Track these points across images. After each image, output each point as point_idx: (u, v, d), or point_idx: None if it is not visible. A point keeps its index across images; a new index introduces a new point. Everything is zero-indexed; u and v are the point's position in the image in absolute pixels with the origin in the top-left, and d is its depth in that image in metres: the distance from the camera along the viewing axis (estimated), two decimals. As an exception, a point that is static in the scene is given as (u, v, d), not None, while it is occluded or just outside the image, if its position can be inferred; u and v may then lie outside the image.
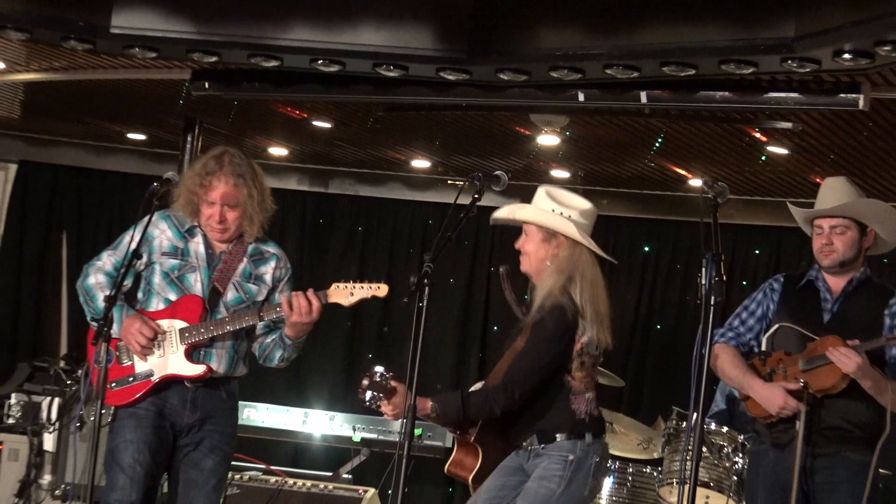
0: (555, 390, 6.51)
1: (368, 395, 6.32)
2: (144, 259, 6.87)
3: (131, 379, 6.85)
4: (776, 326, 6.72)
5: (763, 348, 6.72)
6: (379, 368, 6.40)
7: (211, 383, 6.92)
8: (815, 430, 6.52)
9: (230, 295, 6.97)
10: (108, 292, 6.73)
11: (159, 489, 7.13)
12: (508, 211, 6.72)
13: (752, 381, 6.68)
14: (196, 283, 6.94)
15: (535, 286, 6.65)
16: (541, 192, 6.70)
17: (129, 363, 6.85)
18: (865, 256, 6.73)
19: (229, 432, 7.04)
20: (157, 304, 6.94)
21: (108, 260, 7.01)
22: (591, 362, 6.60)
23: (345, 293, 6.86)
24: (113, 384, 6.81)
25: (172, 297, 6.92)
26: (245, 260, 7.04)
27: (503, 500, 6.62)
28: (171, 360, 6.84)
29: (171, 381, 6.87)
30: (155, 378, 6.85)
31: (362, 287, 6.87)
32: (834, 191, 6.73)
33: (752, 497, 6.99)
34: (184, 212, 6.92)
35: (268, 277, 7.08)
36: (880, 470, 7.99)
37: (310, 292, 6.81)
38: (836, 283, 6.72)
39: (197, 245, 6.98)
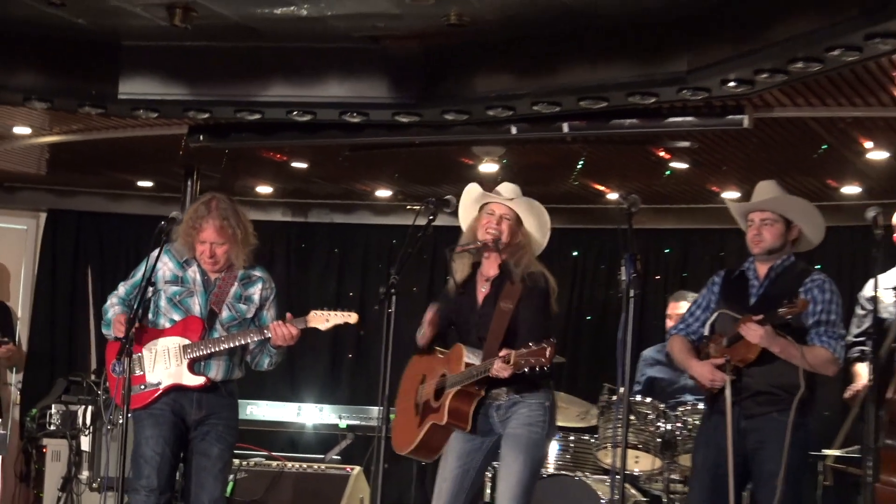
0: None
1: None
2: (151, 288, 6.93)
3: (143, 387, 6.91)
4: (716, 314, 6.71)
5: (707, 333, 6.71)
6: None
7: (212, 387, 6.97)
8: (746, 396, 6.46)
9: (225, 314, 7.04)
10: (118, 308, 6.98)
11: (177, 474, 7.14)
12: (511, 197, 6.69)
13: (690, 362, 6.68)
14: (195, 305, 7.02)
15: (508, 262, 6.56)
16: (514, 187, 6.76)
17: (141, 373, 6.90)
18: (792, 249, 6.71)
19: (231, 425, 7.08)
20: (164, 324, 7.02)
21: (122, 288, 7.14)
22: None
23: (321, 319, 6.92)
24: (134, 389, 6.88)
25: (177, 317, 7.00)
26: (236, 284, 7.10)
27: (472, 462, 6.58)
28: (176, 372, 6.91)
29: (177, 390, 6.94)
30: (162, 387, 6.92)
31: (336, 314, 6.92)
32: (764, 190, 6.73)
33: (694, 453, 6.96)
34: (183, 248, 6.98)
35: (256, 297, 7.13)
36: (835, 465, 8.04)
37: (290, 319, 6.88)
38: (763, 269, 6.66)
39: (194, 273, 7.05)
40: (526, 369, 6.14)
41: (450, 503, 6.56)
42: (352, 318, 6.95)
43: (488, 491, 8.48)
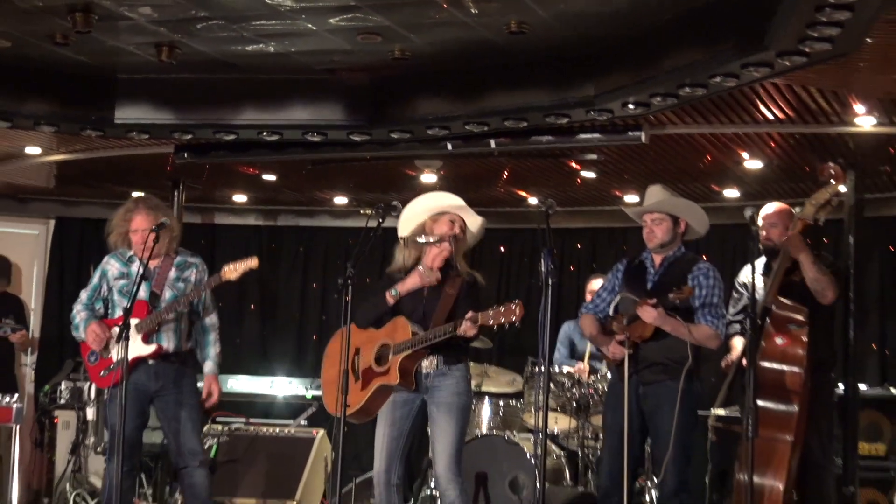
0: None
1: None
2: (105, 286, 7.20)
3: (112, 367, 6.97)
4: (619, 296, 6.75)
5: (611, 313, 6.74)
6: None
7: (165, 358, 7.03)
8: (643, 367, 6.54)
9: (167, 294, 7.16)
10: (84, 314, 7.18)
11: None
12: (462, 208, 6.73)
13: (597, 337, 6.76)
14: (142, 294, 7.01)
15: (453, 256, 6.61)
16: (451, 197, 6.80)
17: (108, 356, 6.95)
18: (682, 240, 6.76)
19: (189, 390, 7.15)
20: (118, 312, 7.12)
21: (83, 294, 7.31)
22: None
23: (231, 271, 6.99)
24: (101, 373, 6.95)
25: (125, 304, 7.00)
26: (173, 269, 7.23)
27: (403, 427, 6.60)
28: (133, 347, 6.86)
29: (139, 363, 6.95)
30: (128, 361, 6.85)
31: (240, 262, 7.00)
32: (652, 193, 6.77)
33: (604, 415, 7.00)
34: (123, 248, 7.06)
35: (192, 278, 7.26)
36: (717, 424, 8.09)
37: (206, 281, 7.15)
38: (658, 259, 6.73)
39: (137, 268, 7.04)
40: (495, 326, 6.22)
41: (388, 464, 6.58)
42: (253, 262, 7.02)
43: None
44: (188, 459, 7.05)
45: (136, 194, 7.88)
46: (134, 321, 6.92)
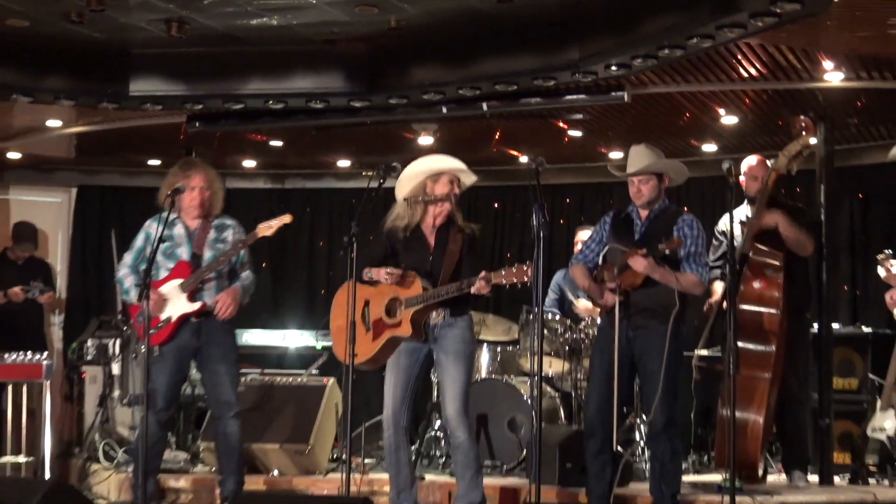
0: None
1: None
2: (149, 249, 7.04)
3: (161, 325, 6.95)
4: (607, 247, 6.74)
5: (600, 262, 6.74)
6: None
7: (208, 315, 7.02)
8: (633, 312, 6.53)
9: (207, 255, 7.14)
10: (131, 278, 7.08)
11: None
12: (460, 169, 6.74)
13: (588, 284, 6.74)
14: (183, 253, 7.08)
15: (454, 213, 6.66)
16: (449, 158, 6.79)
17: (158, 316, 6.91)
18: (665, 193, 6.74)
19: (228, 347, 7.18)
20: (163, 273, 7.09)
21: (128, 258, 7.24)
22: None
23: (266, 228, 7.04)
24: (152, 331, 6.90)
25: (171, 265, 7.08)
26: (212, 230, 7.19)
27: (411, 373, 6.66)
28: (179, 305, 6.98)
29: (185, 321, 6.98)
30: (173, 320, 6.98)
31: (276, 220, 7.07)
32: (637, 154, 6.71)
33: (593, 355, 7.00)
34: (172, 210, 7.01)
35: (230, 239, 7.20)
36: (700, 364, 8.11)
37: (244, 240, 7.11)
38: (644, 213, 6.70)
39: (179, 230, 7.13)
40: (507, 285, 6.28)
41: (398, 407, 6.64)
42: (287, 218, 7.10)
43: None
44: (223, 410, 7.10)
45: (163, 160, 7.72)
46: (178, 281, 7.00)
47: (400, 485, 6.72)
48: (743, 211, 7.63)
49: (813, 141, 7.51)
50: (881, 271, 6.80)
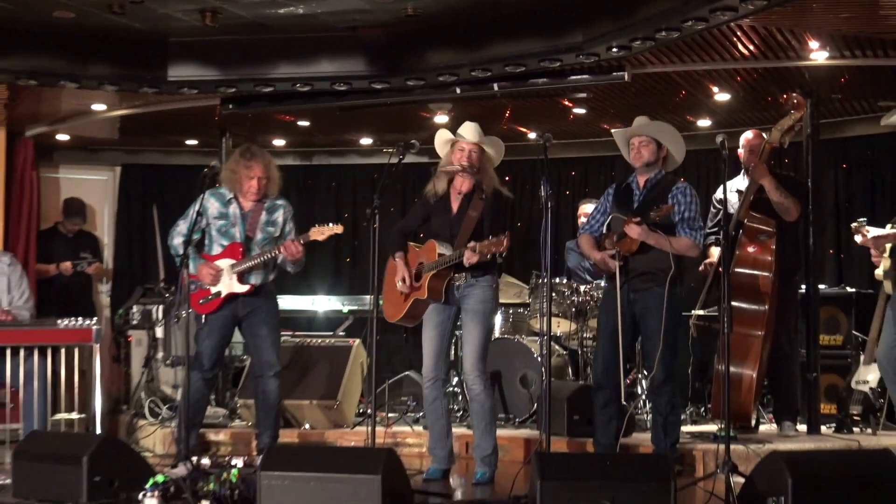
0: None
1: None
2: (203, 221, 7.02)
3: (210, 297, 7.00)
4: (610, 216, 6.73)
5: (605, 231, 6.72)
6: None
7: (254, 291, 7.06)
8: (633, 276, 6.50)
9: (259, 236, 7.11)
10: (182, 248, 6.98)
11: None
12: (478, 135, 6.72)
13: (592, 253, 6.71)
14: (237, 233, 7.07)
15: (480, 180, 6.67)
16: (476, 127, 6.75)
17: (208, 288, 6.94)
18: (663, 167, 6.70)
19: (271, 312, 7.19)
20: (216, 249, 7.10)
21: (182, 225, 7.13)
22: None
23: (318, 232, 6.97)
24: (201, 301, 6.97)
25: (225, 242, 7.08)
26: (264, 213, 7.16)
27: (445, 328, 6.69)
28: (229, 284, 7.01)
29: (232, 297, 7.04)
30: (222, 295, 7.01)
31: (328, 227, 6.97)
32: (639, 121, 6.72)
33: (599, 316, 6.96)
34: (226, 190, 6.97)
35: (279, 220, 7.18)
36: (698, 322, 8.10)
37: (297, 240, 6.96)
38: (642, 181, 6.66)
39: (235, 209, 7.10)
40: (488, 256, 6.29)
41: (433, 361, 6.67)
42: (339, 229, 7.02)
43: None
44: (265, 370, 7.11)
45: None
46: (231, 261, 7.01)
47: (436, 434, 6.74)
48: (739, 181, 7.60)
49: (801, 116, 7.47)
50: (857, 238, 6.77)
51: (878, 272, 7.08)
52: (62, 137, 11.15)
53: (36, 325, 6.75)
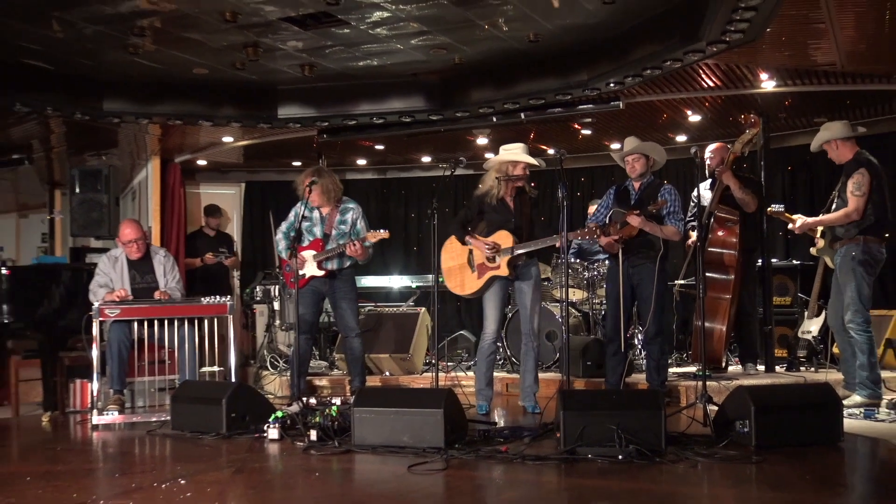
0: None
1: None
2: (296, 223, 7.09)
3: (299, 277, 6.98)
4: (612, 211, 6.68)
5: (607, 222, 6.66)
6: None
7: (331, 275, 7.05)
8: (631, 254, 6.46)
9: (334, 233, 7.08)
10: (284, 242, 7.09)
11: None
12: (514, 154, 6.62)
13: (600, 238, 6.68)
14: (317, 231, 7.06)
15: (524, 186, 6.63)
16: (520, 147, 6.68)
17: (297, 271, 6.93)
18: (651, 171, 6.65)
19: (350, 289, 7.11)
20: (306, 242, 7.08)
21: (284, 225, 7.20)
22: None
23: (373, 235, 6.89)
24: (293, 279, 6.93)
25: (310, 238, 7.07)
26: (338, 214, 7.11)
27: (503, 300, 6.61)
28: (311, 268, 7.00)
29: (314, 278, 7.03)
30: (307, 276, 7.01)
31: (379, 233, 6.88)
32: (631, 142, 6.66)
33: (606, 286, 6.90)
34: (311, 200, 7.00)
35: (349, 219, 7.13)
36: (681, 289, 8.03)
37: (358, 241, 6.87)
38: (637, 185, 6.63)
39: (316, 214, 7.10)
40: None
41: (496, 326, 6.62)
42: (385, 234, 6.93)
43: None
44: (348, 332, 7.10)
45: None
46: (313, 252, 7.01)
47: (487, 379, 6.69)
48: (708, 183, 7.52)
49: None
50: (790, 226, 6.74)
51: (813, 250, 7.03)
52: (201, 162, 11.25)
53: (186, 302, 6.80)
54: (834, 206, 6.58)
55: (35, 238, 14.14)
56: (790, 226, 6.83)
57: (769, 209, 7.09)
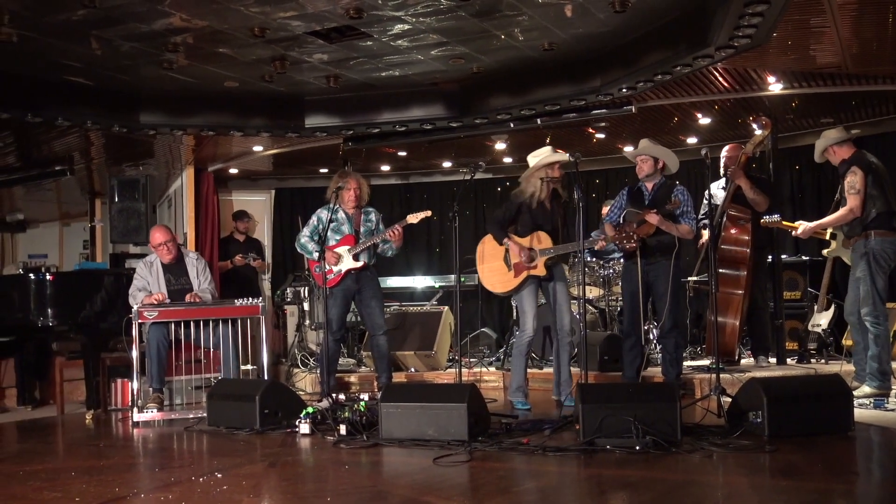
0: None
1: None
2: (321, 226, 7.10)
3: (333, 274, 6.98)
4: (626, 210, 6.66)
5: (621, 221, 6.64)
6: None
7: (364, 268, 7.06)
8: (647, 252, 6.44)
9: (362, 230, 7.13)
10: (312, 244, 7.08)
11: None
12: (555, 156, 6.55)
13: (614, 235, 6.65)
14: (346, 229, 7.10)
15: (557, 188, 6.56)
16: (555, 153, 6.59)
17: (330, 268, 6.94)
18: (663, 174, 6.62)
19: (377, 287, 7.17)
20: (332, 242, 7.09)
21: (306, 230, 7.20)
22: None
23: (413, 217, 6.96)
24: (329, 276, 6.92)
25: (338, 237, 7.09)
26: (363, 216, 7.17)
27: (536, 297, 6.54)
28: (347, 262, 7.02)
29: (349, 272, 7.00)
30: (342, 271, 7.02)
31: (420, 214, 6.97)
32: (642, 143, 6.66)
33: (622, 283, 6.86)
34: (335, 202, 7.03)
35: (373, 219, 7.23)
36: (694, 285, 8.00)
37: (399, 224, 6.97)
38: (650, 186, 6.61)
39: (342, 215, 7.13)
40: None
41: (535, 320, 6.54)
42: (428, 213, 7.03)
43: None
44: (376, 330, 7.13)
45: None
46: (347, 247, 7.05)
47: (524, 375, 6.61)
48: (721, 182, 7.48)
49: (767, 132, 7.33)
50: (794, 233, 6.72)
51: (826, 252, 6.98)
52: (233, 170, 11.30)
53: (220, 304, 6.84)
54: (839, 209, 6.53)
55: (77, 245, 14.27)
56: (793, 233, 6.78)
57: (762, 221, 7.02)
